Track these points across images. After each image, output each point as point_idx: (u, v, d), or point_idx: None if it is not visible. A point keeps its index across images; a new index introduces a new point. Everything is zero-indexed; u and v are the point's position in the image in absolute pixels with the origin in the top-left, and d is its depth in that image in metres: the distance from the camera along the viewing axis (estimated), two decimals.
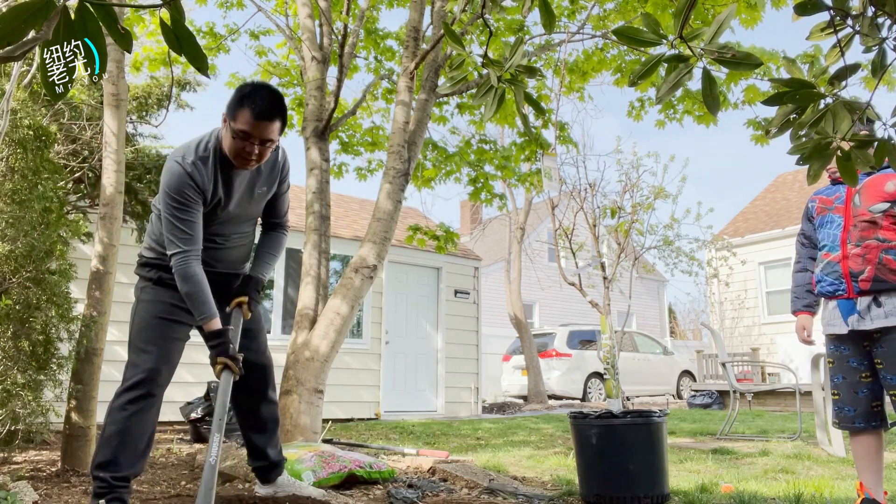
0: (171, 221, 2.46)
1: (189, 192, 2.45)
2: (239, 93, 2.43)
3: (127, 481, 2.46)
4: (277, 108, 2.43)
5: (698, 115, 6.05)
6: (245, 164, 2.49)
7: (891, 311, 2.58)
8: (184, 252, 2.44)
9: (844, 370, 2.74)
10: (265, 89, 2.45)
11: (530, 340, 13.42)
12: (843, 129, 1.28)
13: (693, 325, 30.14)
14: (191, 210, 2.46)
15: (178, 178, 2.45)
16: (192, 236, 2.47)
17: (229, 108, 2.44)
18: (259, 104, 2.38)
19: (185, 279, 2.44)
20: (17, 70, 3.39)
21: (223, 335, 2.47)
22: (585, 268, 10.38)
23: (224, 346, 2.45)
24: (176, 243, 2.45)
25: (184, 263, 2.44)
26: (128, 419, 2.45)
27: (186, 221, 2.46)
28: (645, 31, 1.31)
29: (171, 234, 2.46)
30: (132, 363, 2.54)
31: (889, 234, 2.63)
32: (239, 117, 2.39)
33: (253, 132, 2.40)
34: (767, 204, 15.49)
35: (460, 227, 24.53)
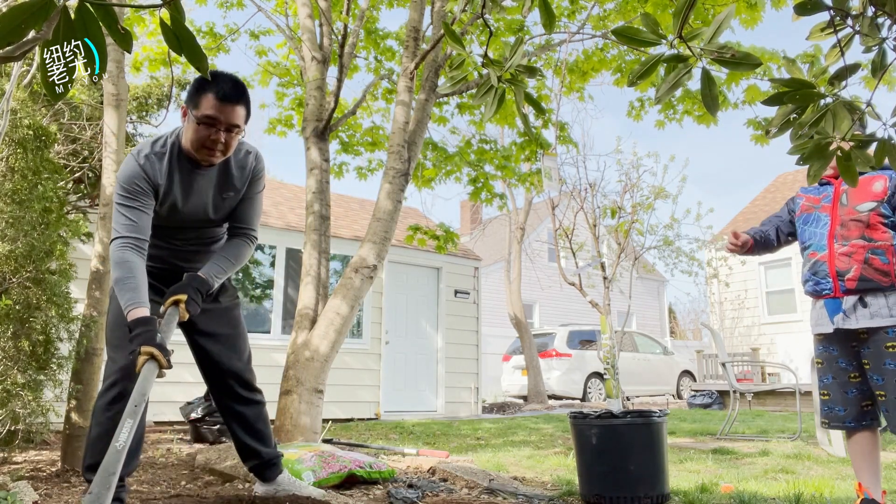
0: (117, 210, 2.42)
1: (139, 183, 2.41)
2: (199, 81, 2.39)
3: (121, 480, 2.42)
4: (242, 91, 2.39)
5: (698, 116, 6.05)
6: (211, 156, 2.42)
7: (876, 311, 2.59)
8: (123, 238, 2.38)
9: (833, 370, 2.74)
10: (226, 75, 2.41)
11: (530, 340, 13.42)
12: (843, 129, 1.28)
13: (693, 325, 30.15)
14: (137, 201, 2.41)
15: (129, 170, 2.42)
16: (136, 225, 2.40)
17: (190, 96, 2.38)
18: (223, 87, 2.34)
19: (119, 264, 2.35)
20: (17, 70, 3.39)
21: (149, 323, 2.28)
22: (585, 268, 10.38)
23: (149, 335, 2.25)
24: (118, 230, 2.40)
25: (121, 250, 2.36)
26: (111, 420, 2.36)
27: (132, 210, 2.40)
28: (644, 31, 1.31)
29: (116, 222, 2.42)
30: (110, 361, 2.48)
31: (875, 234, 2.64)
32: (202, 103, 2.34)
33: (219, 116, 2.34)
34: (767, 204, 15.49)
35: (460, 227, 24.54)
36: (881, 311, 2.58)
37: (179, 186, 2.49)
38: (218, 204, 2.60)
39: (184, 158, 2.48)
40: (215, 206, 2.59)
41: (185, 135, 2.43)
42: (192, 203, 2.54)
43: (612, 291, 9.46)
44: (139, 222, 2.40)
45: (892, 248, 2.62)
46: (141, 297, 2.30)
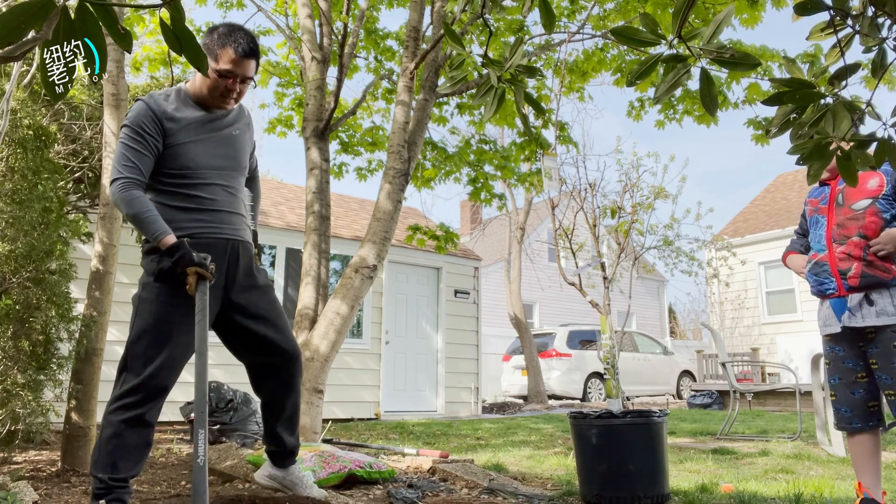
0: (120, 151, 2.44)
1: (145, 121, 2.45)
2: (215, 33, 2.49)
3: (126, 482, 2.42)
4: (257, 46, 2.55)
5: (698, 116, 6.05)
6: (226, 103, 2.56)
7: (882, 309, 2.60)
8: (125, 179, 2.38)
9: (840, 371, 2.75)
10: (241, 29, 2.54)
11: (530, 340, 13.42)
12: (843, 129, 1.28)
13: (693, 325, 30.14)
14: (142, 140, 2.43)
15: (135, 109, 2.48)
16: (138, 166, 2.41)
17: (209, 49, 2.48)
18: (242, 43, 2.48)
19: (129, 202, 2.37)
20: (17, 70, 3.39)
21: (183, 246, 2.33)
22: (585, 268, 10.38)
23: (189, 255, 2.30)
24: (119, 170, 2.40)
25: (124, 190, 2.37)
26: (124, 424, 2.36)
27: (135, 151, 2.42)
28: (643, 30, 1.31)
29: (117, 163, 2.42)
30: (130, 368, 2.39)
31: (871, 231, 2.65)
32: (222, 57, 2.47)
33: (237, 70, 2.49)
34: (767, 204, 15.49)
35: (460, 227, 24.53)
36: (887, 308, 2.59)
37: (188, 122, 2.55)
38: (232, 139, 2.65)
39: (191, 101, 2.58)
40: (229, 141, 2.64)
41: (200, 83, 2.55)
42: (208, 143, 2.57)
43: (612, 291, 9.47)
44: (140, 165, 2.44)
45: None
46: (164, 225, 2.37)
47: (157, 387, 2.39)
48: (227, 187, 2.61)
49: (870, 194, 2.69)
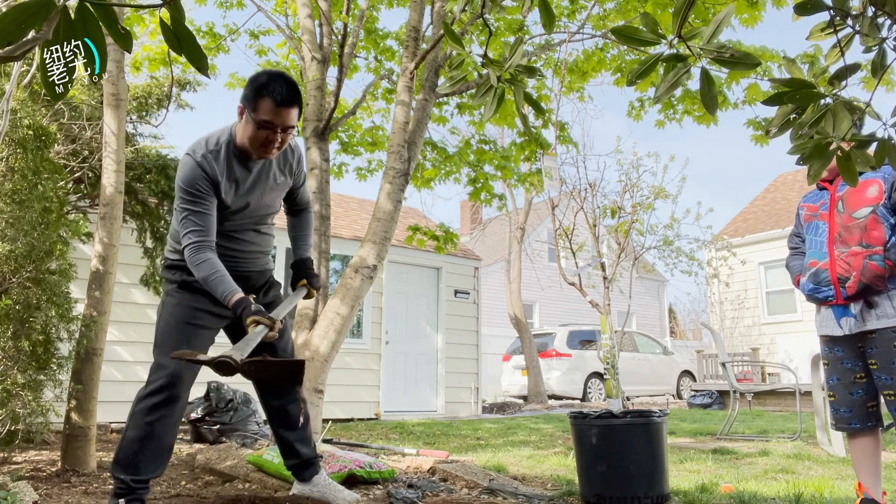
0: (183, 214, 2.50)
1: (201, 183, 2.49)
2: (256, 83, 2.47)
3: (145, 483, 2.51)
4: (297, 94, 2.50)
5: (698, 116, 6.05)
6: (267, 154, 2.55)
7: (882, 312, 2.60)
8: (196, 242, 2.48)
9: (839, 371, 2.75)
10: (281, 77, 2.50)
11: (530, 340, 13.42)
12: (843, 129, 1.28)
13: (693, 325, 30.13)
14: (202, 202, 2.50)
15: (189, 171, 2.49)
16: (204, 228, 2.50)
17: (248, 99, 2.47)
18: (280, 92, 2.44)
19: (199, 265, 2.46)
20: (17, 70, 3.39)
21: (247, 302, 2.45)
22: (585, 268, 10.38)
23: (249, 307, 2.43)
24: (188, 235, 2.49)
25: (196, 252, 2.47)
26: (150, 425, 2.47)
27: (198, 213, 2.49)
28: (643, 30, 1.31)
29: (184, 227, 2.50)
30: (156, 366, 2.55)
31: (872, 240, 2.64)
32: (260, 108, 2.45)
33: (276, 120, 2.46)
34: (767, 204, 15.49)
35: (460, 227, 24.53)
36: (887, 311, 2.59)
37: (237, 180, 2.60)
38: (273, 189, 2.75)
39: (237, 154, 2.59)
40: (271, 191, 2.74)
41: (241, 133, 2.54)
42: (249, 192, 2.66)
43: (612, 291, 9.46)
44: (206, 226, 2.51)
45: (885, 250, 2.62)
46: (233, 285, 2.47)
47: (180, 384, 2.52)
48: (258, 229, 2.81)
49: (870, 202, 2.67)
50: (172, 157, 5.63)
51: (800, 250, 3.01)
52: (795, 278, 2.97)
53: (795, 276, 2.97)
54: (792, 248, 3.08)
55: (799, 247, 3.03)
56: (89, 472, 3.58)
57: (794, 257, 3.04)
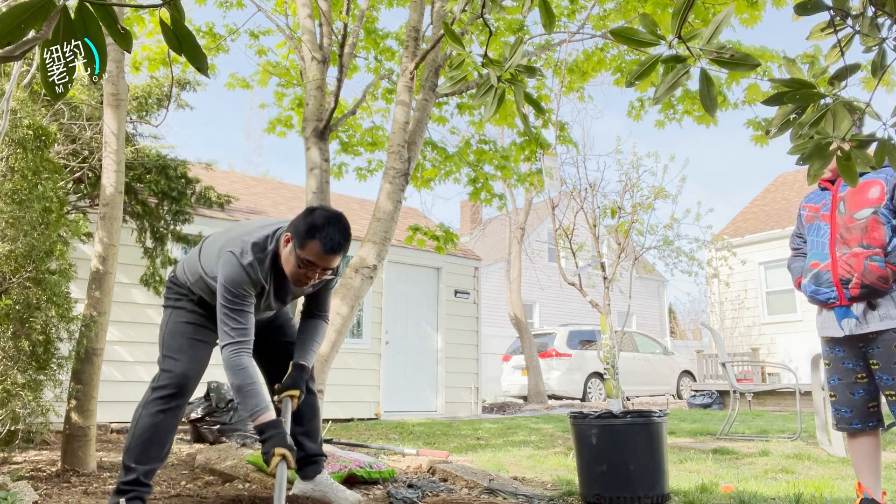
0: (226, 313, 2.51)
1: (247, 288, 2.52)
2: (309, 222, 2.45)
3: (152, 476, 2.60)
4: (347, 240, 2.48)
5: (698, 116, 6.05)
6: (302, 286, 2.57)
7: (885, 314, 2.59)
8: (237, 344, 2.49)
9: (840, 372, 2.75)
10: (337, 222, 2.47)
11: (530, 340, 13.42)
12: (843, 129, 1.28)
13: (693, 325, 30.14)
14: (246, 304, 2.53)
15: (237, 275, 2.50)
16: (246, 329, 2.53)
17: (298, 234, 2.45)
18: (331, 239, 2.42)
19: (236, 372, 2.48)
20: (17, 70, 3.39)
21: (279, 426, 2.46)
22: (585, 268, 10.38)
23: (282, 437, 2.42)
24: (230, 335, 2.50)
25: (236, 356, 2.49)
26: (158, 416, 2.58)
27: (242, 313, 2.52)
28: (643, 31, 1.31)
29: (226, 326, 2.51)
30: (163, 369, 2.65)
31: (872, 241, 2.63)
32: (308, 247, 2.43)
33: (319, 263, 2.45)
34: (767, 204, 15.49)
35: (460, 227, 24.53)
36: (891, 312, 2.58)
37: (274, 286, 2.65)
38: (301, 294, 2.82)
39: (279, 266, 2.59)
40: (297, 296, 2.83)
41: (285, 261, 2.54)
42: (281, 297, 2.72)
43: (612, 291, 9.46)
44: (248, 327, 2.54)
45: (885, 252, 2.61)
46: (265, 400, 2.48)
47: (182, 384, 2.62)
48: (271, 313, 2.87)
49: (871, 203, 2.66)
50: (172, 158, 5.63)
51: (801, 251, 3.00)
52: (797, 280, 2.96)
53: (797, 278, 2.96)
54: (794, 249, 3.07)
55: (801, 248, 3.02)
56: (89, 472, 3.58)
57: (796, 258, 3.03)
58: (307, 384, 2.91)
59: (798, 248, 3.04)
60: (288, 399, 2.70)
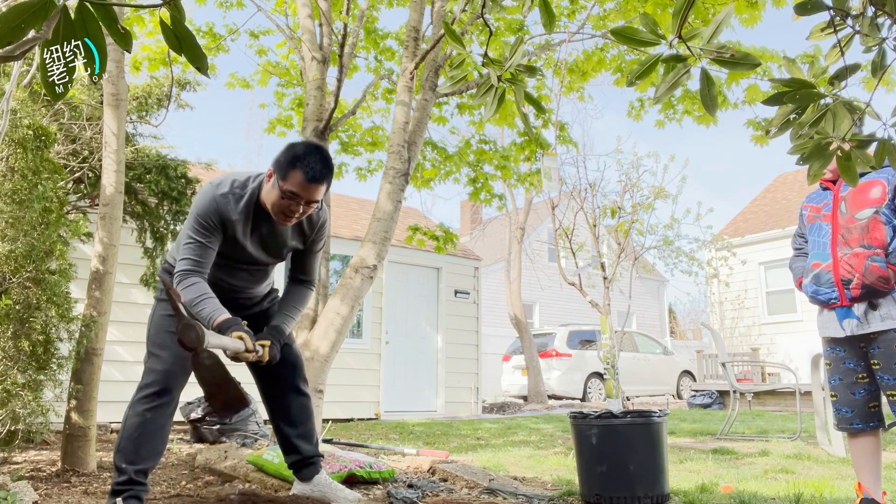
0: (187, 240, 2.52)
1: (213, 218, 2.50)
2: (290, 153, 2.46)
3: (145, 475, 2.57)
4: (329, 171, 2.49)
5: (698, 116, 6.04)
6: (286, 222, 2.55)
7: (886, 314, 2.59)
8: (187, 270, 2.50)
9: (841, 372, 2.75)
10: (318, 152, 2.48)
11: (530, 340, 13.42)
12: (843, 129, 1.28)
13: (693, 325, 30.14)
14: (208, 235, 2.51)
15: (206, 203, 2.50)
16: (202, 260, 2.52)
17: (279, 166, 2.46)
18: (312, 167, 2.42)
19: (188, 288, 2.47)
20: (17, 70, 3.39)
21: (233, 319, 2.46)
22: (585, 268, 10.37)
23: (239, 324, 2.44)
24: (184, 261, 2.50)
25: (185, 276, 2.48)
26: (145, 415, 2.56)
27: (201, 245, 2.51)
28: (643, 31, 1.31)
29: (184, 253, 2.52)
30: (148, 367, 2.63)
31: (873, 241, 2.62)
32: (290, 178, 2.43)
33: (302, 194, 2.44)
34: (767, 204, 15.49)
35: (460, 227, 24.53)
36: (892, 312, 2.58)
37: (250, 231, 2.61)
38: (282, 251, 2.74)
39: (259, 206, 2.58)
40: (278, 252, 2.74)
41: (266, 196, 2.53)
42: (258, 247, 2.67)
43: (612, 291, 9.45)
44: (204, 258, 2.53)
45: (886, 252, 2.60)
46: (219, 306, 2.47)
47: (167, 380, 2.59)
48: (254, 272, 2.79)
49: (873, 203, 2.66)
50: (172, 157, 5.63)
51: (803, 251, 3.00)
52: (797, 280, 2.96)
53: (797, 279, 2.96)
54: (795, 249, 3.07)
55: (802, 248, 3.02)
56: (89, 472, 3.58)
57: (797, 259, 3.03)
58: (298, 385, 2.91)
59: (800, 248, 3.03)
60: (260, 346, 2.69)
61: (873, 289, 2.60)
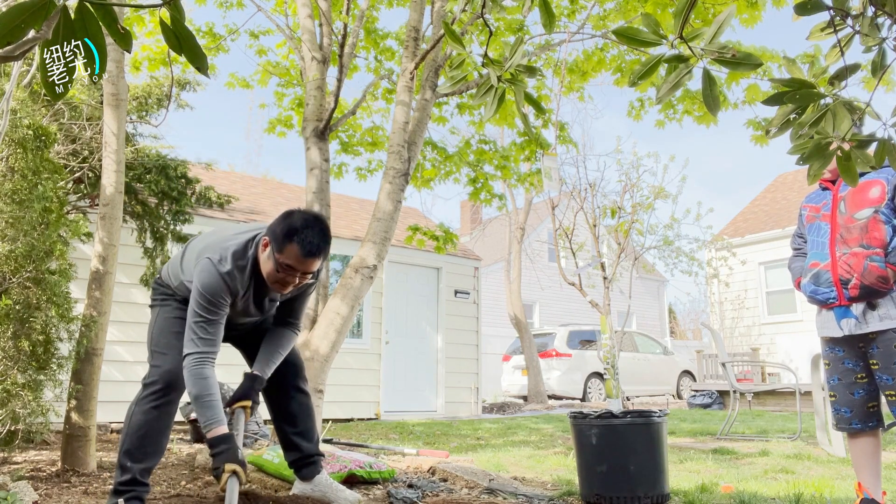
0: (196, 320, 2.47)
1: (223, 297, 2.48)
2: (287, 225, 2.41)
3: (148, 475, 2.58)
4: (326, 243, 2.44)
5: (698, 116, 6.04)
6: (281, 290, 2.53)
7: (885, 314, 2.59)
8: (201, 354, 2.46)
9: (840, 372, 2.75)
10: (316, 224, 2.43)
11: (530, 340, 13.42)
12: (843, 129, 1.28)
13: (693, 325, 30.14)
14: (219, 313, 2.50)
15: (214, 283, 2.46)
16: (214, 340, 2.50)
17: (275, 238, 2.42)
18: (310, 242, 2.38)
19: (197, 381, 2.45)
20: (17, 70, 3.39)
21: (230, 440, 2.43)
22: (585, 268, 10.36)
23: (233, 452, 2.40)
24: (196, 343, 2.46)
25: (198, 365, 2.46)
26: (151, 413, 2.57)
27: (213, 323, 2.48)
28: (645, 31, 1.31)
29: (193, 334, 2.47)
30: (153, 365, 2.64)
31: (872, 241, 2.62)
32: (286, 251, 2.39)
33: (298, 267, 2.41)
34: (767, 204, 15.49)
35: (460, 227, 24.53)
36: (890, 312, 2.58)
37: (252, 295, 2.62)
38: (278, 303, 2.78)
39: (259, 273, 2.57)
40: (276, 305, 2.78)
41: (263, 265, 2.50)
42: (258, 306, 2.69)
43: (612, 291, 9.45)
44: (216, 338, 2.51)
45: (885, 252, 2.60)
46: (220, 414, 2.45)
47: (171, 379, 2.60)
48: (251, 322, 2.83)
49: (872, 203, 2.65)
50: (172, 157, 5.63)
51: (802, 251, 3.00)
52: (796, 280, 2.96)
53: (796, 279, 2.96)
54: (795, 249, 3.07)
55: (801, 248, 3.02)
56: (89, 472, 3.58)
57: (796, 258, 3.03)
58: (298, 384, 2.92)
59: (799, 248, 3.03)
60: (240, 410, 2.68)
61: (872, 289, 2.59)
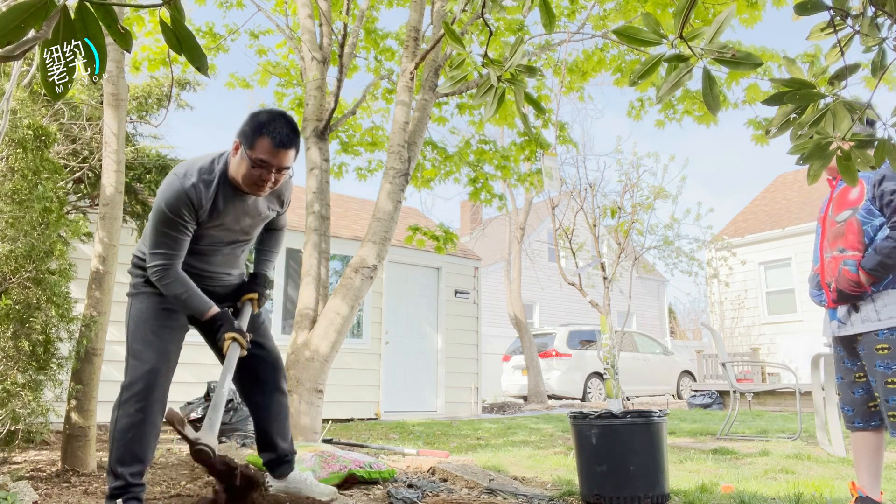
0: (159, 235, 2.46)
1: (184, 210, 2.44)
2: (255, 121, 2.43)
3: (141, 475, 2.53)
4: (296, 136, 2.46)
5: (698, 115, 6.05)
6: (259, 192, 2.51)
7: (866, 315, 2.60)
8: (163, 265, 2.47)
9: (841, 371, 2.78)
10: (282, 117, 2.45)
11: (530, 340, 13.42)
12: (843, 129, 1.28)
13: (693, 325, 30.13)
14: (181, 228, 2.46)
15: (175, 196, 2.43)
16: (176, 253, 2.48)
17: (245, 136, 2.42)
18: (279, 133, 2.39)
19: (168, 284, 2.47)
20: (17, 70, 3.39)
21: (225, 316, 2.53)
22: (585, 268, 10.37)
23: (231, 323, 2.51)
24: (157, 255, 2.46)
25: (163, 272, 2.46)
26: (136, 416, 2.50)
27: (174, 238, 2.46)
28: (645, 30, 1.31)
29: (156, 248, 2.47)
30: (131, 366, 2.55)
31: (847, 244, 2.63)
32: (258, 146, 2.40)
33: (272, 161, 2.41)
34: (767, 204, 15.49)
35: (460, 227, 24.54)
36: (870, 315, 2.59)
37: (223, 211, 2.56)
38: (258, 223, 2.73)
39: (229, 185, 2.54)
40: (255, 224, 2.72)
41: (235, 169, 2.48)
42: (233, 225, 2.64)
43: (612, 291, 9.45)
44: (178, 250, 2.50)
45: (859, 257, 2.59)
46: (207, 300, 2.53)
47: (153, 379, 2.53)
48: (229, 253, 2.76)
49: (851, 205, 2.66)
50: (172, 157, 5.63)
51: None
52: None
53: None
54: None
55: None
56: (89, 472, 3.58)
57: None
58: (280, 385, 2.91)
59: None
60: (247, 302, 2.77)
61: (845, 293, 2.60)
